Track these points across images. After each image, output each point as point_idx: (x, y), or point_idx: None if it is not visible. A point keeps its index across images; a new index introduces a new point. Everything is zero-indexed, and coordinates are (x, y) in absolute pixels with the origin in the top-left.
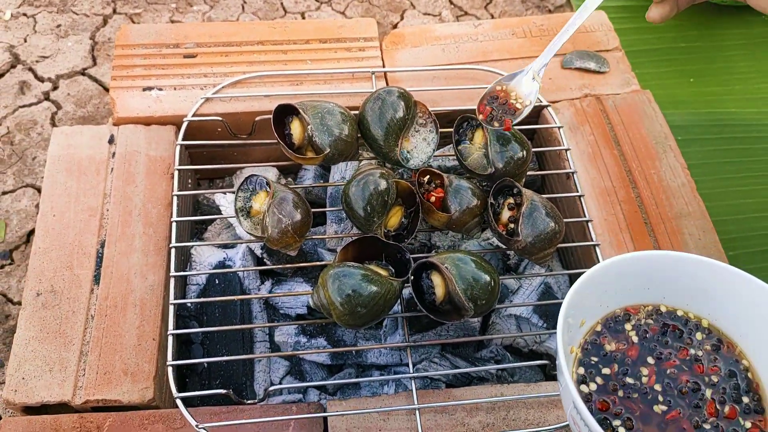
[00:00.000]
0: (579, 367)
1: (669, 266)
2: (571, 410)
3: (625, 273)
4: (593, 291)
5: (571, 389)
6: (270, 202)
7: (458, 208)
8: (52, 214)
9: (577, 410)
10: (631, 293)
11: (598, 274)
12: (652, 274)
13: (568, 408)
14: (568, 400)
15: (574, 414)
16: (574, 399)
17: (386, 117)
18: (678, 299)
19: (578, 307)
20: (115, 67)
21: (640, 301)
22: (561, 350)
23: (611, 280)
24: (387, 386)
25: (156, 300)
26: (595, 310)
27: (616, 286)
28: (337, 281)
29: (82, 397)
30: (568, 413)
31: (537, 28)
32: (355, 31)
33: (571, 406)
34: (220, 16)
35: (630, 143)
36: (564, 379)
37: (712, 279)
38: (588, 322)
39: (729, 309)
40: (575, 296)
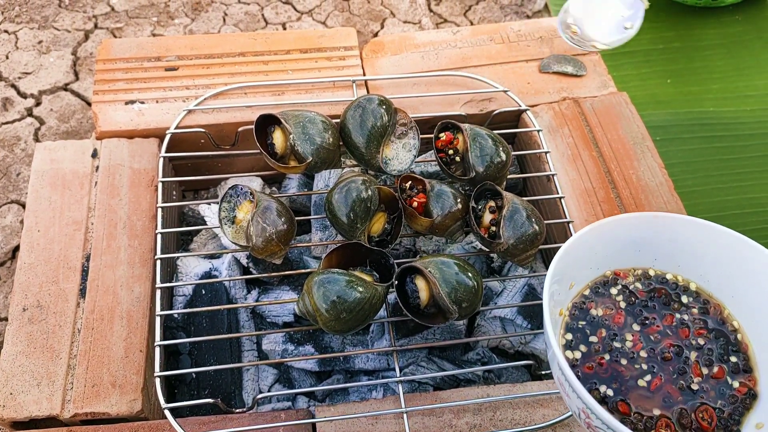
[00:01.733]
0: (567, 333)
1: (660, 228)
2: (558, 374)
3: (615, 235)
4: (583, 253)
5: (556, 353)
6: (254, 211)
7: (440, 213)
8: (36, 229)
9: (562, 372)
10: (622, 256)
11: (587, 235)
12: (642, 237)
13: (556, 372)
14: (555, 363)
15: (560, 377)
16: (560, 362)
17: (367, 124)
18: (668, 262)
19: (567, 270)
20: (97, 81)
21: (631, 265)
22: (547, 313)
23: (601, 242)
24: (375, 391)
25: (143, 312)
26: (584, 273)
27: (606, 249)
28: (322, 288)
29: (70, 410)
30: (556, 377)
31: (515, 34)
32: (335, 40)
33: (557, 369)
34: (201, 29)
35: (608, 144)
36: (550, 342)
37: (703, 240)
38: (577, 285)
39: (719, 270)
40: (564, 258)
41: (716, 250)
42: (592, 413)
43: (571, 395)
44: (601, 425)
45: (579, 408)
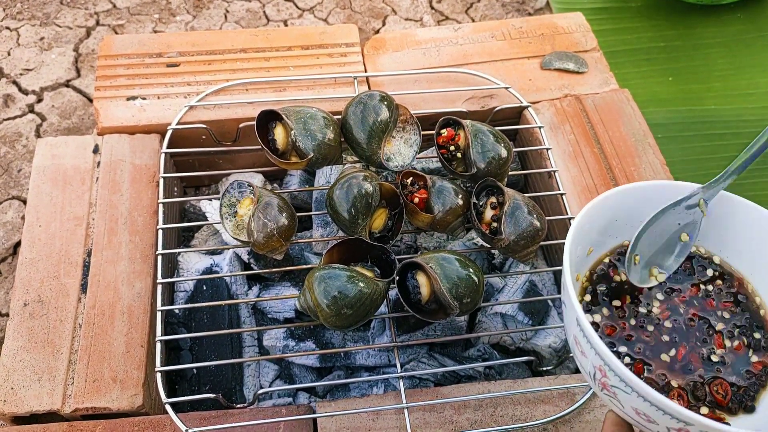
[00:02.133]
0: (586, 295)
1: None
2: (575, 331)
3: (637, 203)
4: (604, 217)
5: (575, 306)
6: (255, 207)
7: (441, 209)
8: (38, 224)
9: (580, 327)
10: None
11: (610, 199)
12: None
13: (571, 331)
14: (572, 319)
15: (577, 334)
16: (578, 316)
17: (368, 120)
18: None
19: (587, 233)
20: (99, 77)
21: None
22: (568, 267)
23: (623, 208)
24: (376, 387)
25: (144, 307)
26: (604, 240)
27: (627, 217)
28: (323, 283)
29: (71, 405)
30: (571, 337)
31: (516, 31)
32: (337, 37)
33: (574, 325)
34: (203, 26)
35: (610, 141)
36: (569, 295)
37: (728, 213)
38: (596, 251)
39: (743, 245)
40: (585, 218)
41: (741, 225)
42: (609, 370)
43: (588, 352)
44: (618, 383)
45: (595, 366)
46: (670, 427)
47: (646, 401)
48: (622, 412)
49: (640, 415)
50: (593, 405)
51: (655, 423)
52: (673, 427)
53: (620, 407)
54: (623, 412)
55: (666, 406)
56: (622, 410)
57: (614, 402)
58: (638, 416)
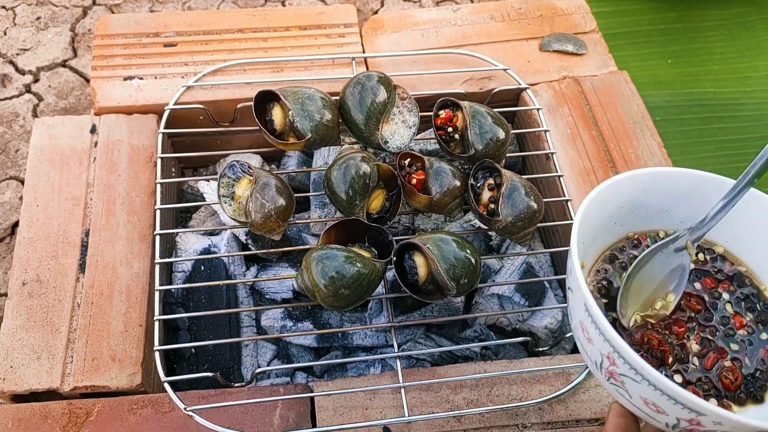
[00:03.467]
0: (590, 282)
1: (689, 186)
2: (581, 316)
3: (645, 191)
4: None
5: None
6: (253, 187)
7: (439, 190)
8: (35, 204)
9: (588, 313)
10: (648, 215)
11: (619, 184)
12: (671, 195)
13: (577, 316)
14: (579, 304)
15: (585, 319)
16: (587, 301)
17: (366, 101)
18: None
19: (594, 218)
20: (96, 57)
21: (656, 226)
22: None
23: (630, 195)
24: (373, 367)
25: (142, 287)
26: (610, 227)
27: (633, 204)
28: (321, 263)
29: (70, 384)
30: (577, 322)
31: (515, 12)
32: (335, 17)
33: (581, 310)
34: (200, 6)
35: (608, 123)
36: (575, 278)
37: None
38: (602, 239)
39: (747, 235)
40: (594, 202)
41: (748, 213)
42: (619, 358)
43: (596, 338)
44: (627, 371)
45: (603, 354)
46: (681, 418)
47: (657, 390)
48: (629, 402)
49: (648, 405)
50: (588, 384)
51: (665, 413)
52: (684, 418)
53: (627, 397)
54: (630, 402)
55: (679, 395)
56: (629, 401)
57: (621, 392)
58: (647, 407)
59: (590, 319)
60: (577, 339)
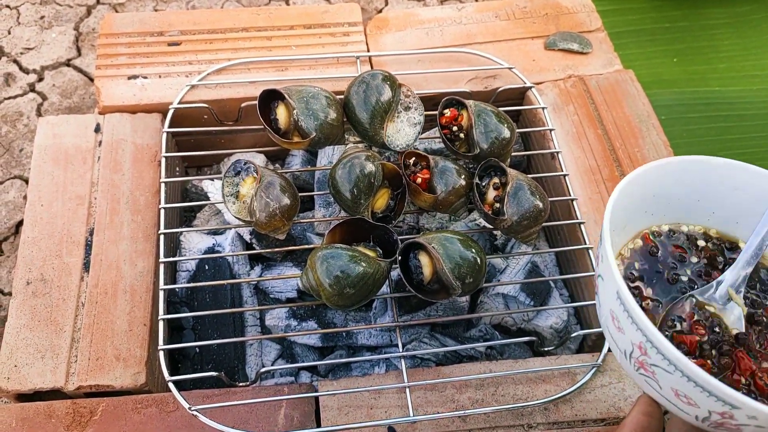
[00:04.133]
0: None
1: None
2: (613, 305)
3: (676, 181)
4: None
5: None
6: (257, 186)
7: (444, 189)
8: (40, 203)
9: (620, 301)
10: (680, 205)
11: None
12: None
13: (608, 305)
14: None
15: (616, 308)
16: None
17: (371, 100)
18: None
19: (625, 206)
20: (100, 56)
21: (684, 219)
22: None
23: (662, 183)
24: (378, 367)
25: (146, 286)
26: (639, 218)
27: (665, 193)
28: (326, 263)
29: (74, 383)
30: (606, 311)
31: (520, 11)
32: (339, 16)
33: (613, 298)
34: (204, 5)
35: (613, 122)
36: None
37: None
38: (629, 228)
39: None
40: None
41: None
42: (652, 347)
43: (627, 327)
44: (660, 362)
45: (634, 344)
46: (713, 411)
47: (691, 381)
48: (659, 394)
49: (679, 397)
50: (594, 384)
51: (696, 406)
52: (716, 411)
53: (657, 389)
54: (660, 394)
55: (714, 387)
56: (659, 392)
57: (651, 383)
58: (677, 398)
59: (622, 307)
60: (605, 329)
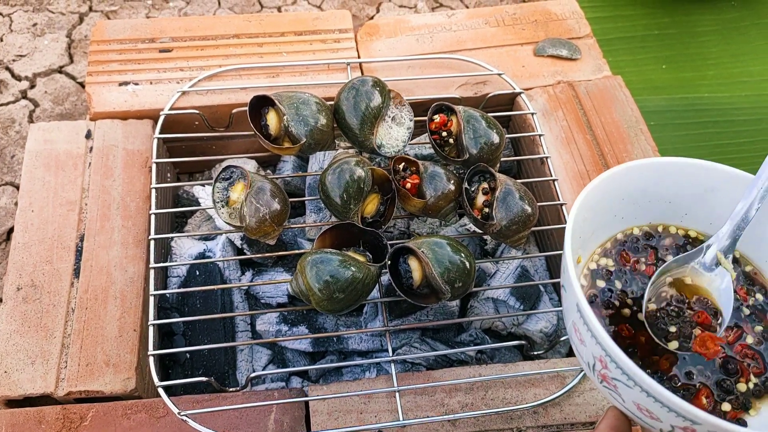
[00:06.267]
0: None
1: (695, 177)
2: (574, 316)
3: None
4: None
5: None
6: (247, 191)
7: (434, 194)
8: (30, 209)
9: (580, 314)
10: (652, 207)
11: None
12: (675, 183)
13: (570, 317)
14: (572, 304)
15: (577, 320)
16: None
17: (361, 106)
18: (699, 218)
19: (592, 212)
20: (91, 62)
21: (659, 220)
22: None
23: (631, 187)
24: (368, 371)
25: (136, 291)
26: (609, 222)
27: (634, 196)
28: (315, 267)
29: (64, 388)
30: (569, 323)
31: (510, 17)
32: (330, 23)
33: (574, 310)
34: (196, 12)
35: (602, 128)
36: (568, 277)
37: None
38: (597, 234)
39: (758, 233)
40: (590, 195)
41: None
42: (611, 361)
43: (588, 340)
44: (619, 376)
45: (595, 357)
46: (675, 426)
47: (650, 396)
48: (623, 407)
49: (642, 411)
50: (583, 388)
51: (659, 420)
52: (679, 426)
53: (621, 402)
54: (624, 407)
55: (671, 403)
56: (623, 405)
57: (614, 396)
58: (641, 412)
59: (582, 320)
60: (571, 339)
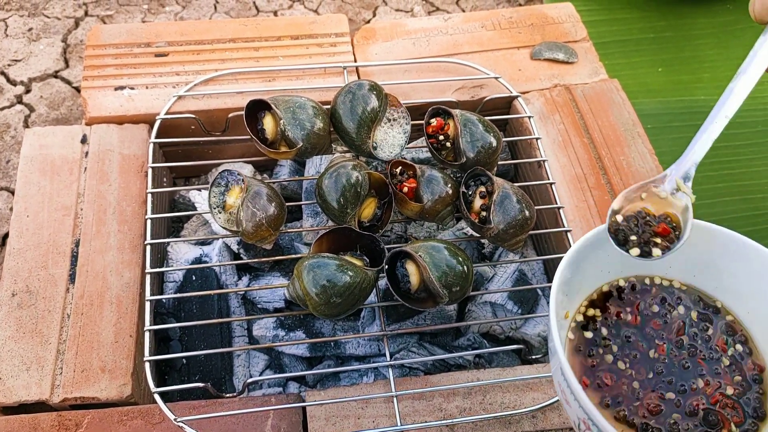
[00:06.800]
0: (571, 334)
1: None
2: (560, 378)
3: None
4: (593, 254)
5: (560, 356)
6: (244, 196)
7: (431, 198)
8: (26, 214)
9: (564, 378)
10: (636, 261)
11: (599, 235)
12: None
13: (557, 378)
14: (557, 367)
15: (561, 382)
16: (562, 366)
17: (357, 110)
18: (683, 270)
19: (577, 270)
20: (87, 67)
21: (644, 272)
22: (554, 309)
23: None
24: (366, 376)
25: (132, 297)
26: (596, 276)
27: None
28: (312, 272)
29: (60, 395)
30: (557, 382)
31: (506, 21)
32: (327, 26)
33: (559, 373)
34: (192, 16)
35: (599, 131)
36: (554, 345)
37: (724, 250)
38: (584, 289)
39: (738, 284)
40: (575, 255)
41: (736, 261)
42: (594, 425)
43: (572, 403)
44: None
45: (579, 418)
46: None
47: None
48: None
49: None
50: None
51: None
52: None
53: None
54: None
55: None
56: None
57: None
58: None
59: (566, 384)
60: (559, 397)
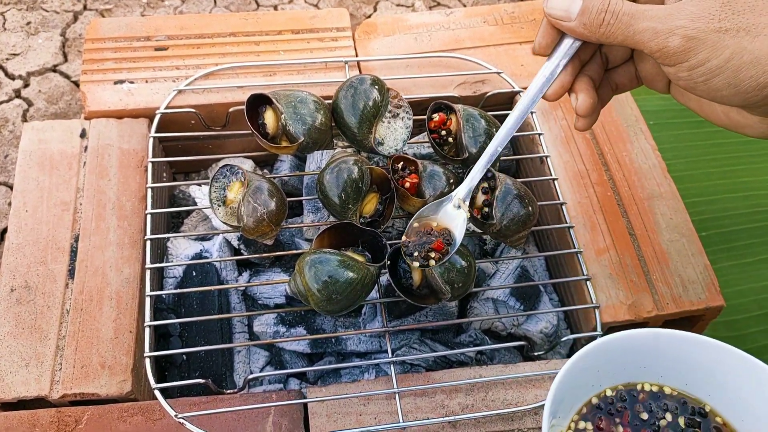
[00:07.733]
0: None
1: (668, 345)
2: None
3: (616, 353)
4: (582, 374)
5: None
6: (245, 191)
7: (433, 193)
8: (24, 209)
9: None
10: (625, 372)
11: (587, 356)
12: (649, 352)
13: None
14: None
15: None
16: None
17: (359, 105)
18: (675, 378)
19: (567, 393)
20: (86, 61)
21: (636, 380)
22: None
23: (603, 360)
24: (367, 373)
25: (132, 292)
26: (586, 391)
27: (608, 366)
28: (314, 268)
29: (59, 391)
30: None
31: (508, 16)
32: (328, 21)
33: None
34: (192, 11)
35: (602, 126)
36: None
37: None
38: (577, 403)
39: (730, 393)
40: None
41: (724, 370)
42: None
43: None
44: None
45: None
46: None
47: None
48: None
49: None
50: None
51: None
52: None
53: None
54: None
55: None
56: None
57: None
58: None
59: None
60: None
